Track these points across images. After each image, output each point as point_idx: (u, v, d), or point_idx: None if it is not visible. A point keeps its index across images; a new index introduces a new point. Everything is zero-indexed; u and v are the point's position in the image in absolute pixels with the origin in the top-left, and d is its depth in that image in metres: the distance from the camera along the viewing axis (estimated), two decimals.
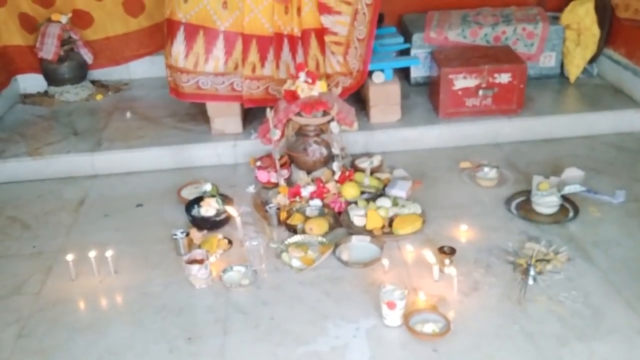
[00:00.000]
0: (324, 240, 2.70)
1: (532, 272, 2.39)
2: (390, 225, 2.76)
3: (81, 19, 4.15)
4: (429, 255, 2.44)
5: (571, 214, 2.83)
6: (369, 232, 2.73)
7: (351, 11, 3.31)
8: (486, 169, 3.15)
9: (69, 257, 2.55)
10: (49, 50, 4.03)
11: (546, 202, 2.83)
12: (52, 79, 4.18)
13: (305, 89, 3.03)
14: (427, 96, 3.88)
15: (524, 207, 2.91)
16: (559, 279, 2.40)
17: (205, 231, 2.82)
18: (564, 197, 2.89)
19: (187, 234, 2.71)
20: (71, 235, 2.90)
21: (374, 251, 2.61)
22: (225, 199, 3.00)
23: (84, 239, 2.86)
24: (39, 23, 4.08)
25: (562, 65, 4.05)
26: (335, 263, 2.56)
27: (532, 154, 3.42)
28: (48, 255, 2.74)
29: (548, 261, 2.46)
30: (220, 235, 2.76)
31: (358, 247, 2.65)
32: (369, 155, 3.40)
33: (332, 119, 3.06)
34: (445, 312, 2.25)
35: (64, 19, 4.04)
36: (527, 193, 2.97)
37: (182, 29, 3.29)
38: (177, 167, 3.46)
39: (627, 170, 3.19)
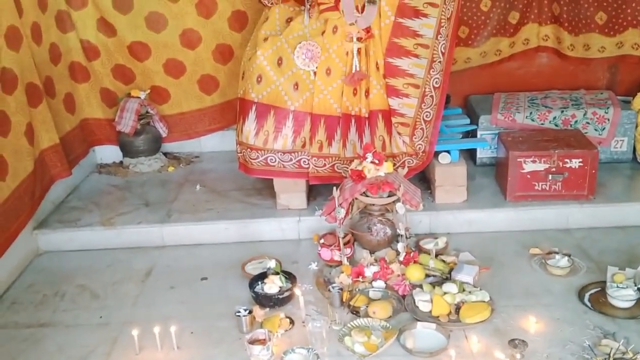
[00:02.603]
0: (388, 325, 2.64)
1: None
2: (456, 312, 2.68)
3: (159, 94, 4.37)
4: (498, 353, 2.35)
5: None
6: (435, 319, 2.66)
7: (419, 94, 3.36)
8: (557, 257, 3.05)
9: (134, 332, 2.58)
10: (127, 124, 4.23)
11: (622, 296, 2.70)
12: (128, 150, 4.37)
13: (372, 170, 3.06)
14: (493, 177, 3.84)
15: (598, 299, 2.78)
16: None
17: (267, 309, 2.81)
18: None
19: (250, 312, 2.71)
20: (137, 307, 2.95)
21: (440, 340, 2.53)
22: (289, 276, 3.00)
23: (149, 310, 2.90)
24: (119, 98, 4.31)
25: (634, 150, 3.95)
26: (399, 350, 2.49)
27: (605, 241, 3.30)
28: (114, 327, 2.79)
29: None
30: (282, 314, 2.75)
31: (423, 334, 2.58)
32: (434, 236, 3.36)
33: (398, 200, 3.06)
34: None
35: (142, 95, 4.25)
36: (601, 284, 2.85)
37: (254, 108, 3.41)
38: (242, 240, 3.50)
39: None
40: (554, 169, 3.46)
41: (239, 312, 2.69)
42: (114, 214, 3.69)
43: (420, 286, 2.87)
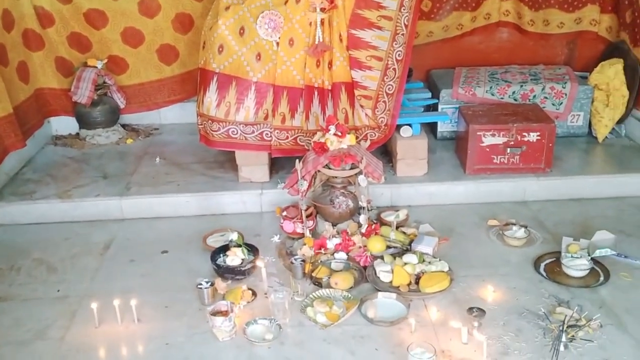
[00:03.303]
0: (349, 295, 2.67)
1: (563, 339, 2.33)
2: (416, 282, 2.73)
3: (116, 64, 4.26)
4: (456, 322, 2.41)
5: (602, 278, 2.78)
6: (395, 289, 2.70)
7: (382, 67, 3.36)
8: (514, 228, 3.12)
9: (94, 305, 2.54)
10: (83, 94, 4.12)
11: (576, 265, 2.78)
12: (85, 122, 4.27)
13: (334, 142, 3.06)
14: (453, 151, 3.89)
15: (553, 268, 2.86)
16: (591, 347, 2.34)
17: (229, 281, 2.81)
18: (594, 260, 2.85)
19: (212, 284, 2.70)
20: (96, 280, 2.90)
21: (400, 309, 2.57)
22: (251, 248, 2.99)
23: (108, 284, 2.86)
24: (74, 67, 4.20)
25: (590, 125, 4.05)
26: (360, 320, 2.53)
27: (560, 213, 3.39)
28: (73, 300, 2.74)
29: (580, 327, 2.40)
30: (244, 286, 2.75)
31: (384, 304, 2.61)
32: (395, 208, 3.39)
33: (360, 172, 3.07)
34: None
35: (99, 64, 4.15)
36: (556, 254, 2.93)
37: (215, 78, 3.35)
38: (203, 213, 3.47)
39: None
40: (512, 143, 3.52)
41: (201, 284, 2.68)
42: (70, 186, 3.61)
43: (381, 257, 2.91)
